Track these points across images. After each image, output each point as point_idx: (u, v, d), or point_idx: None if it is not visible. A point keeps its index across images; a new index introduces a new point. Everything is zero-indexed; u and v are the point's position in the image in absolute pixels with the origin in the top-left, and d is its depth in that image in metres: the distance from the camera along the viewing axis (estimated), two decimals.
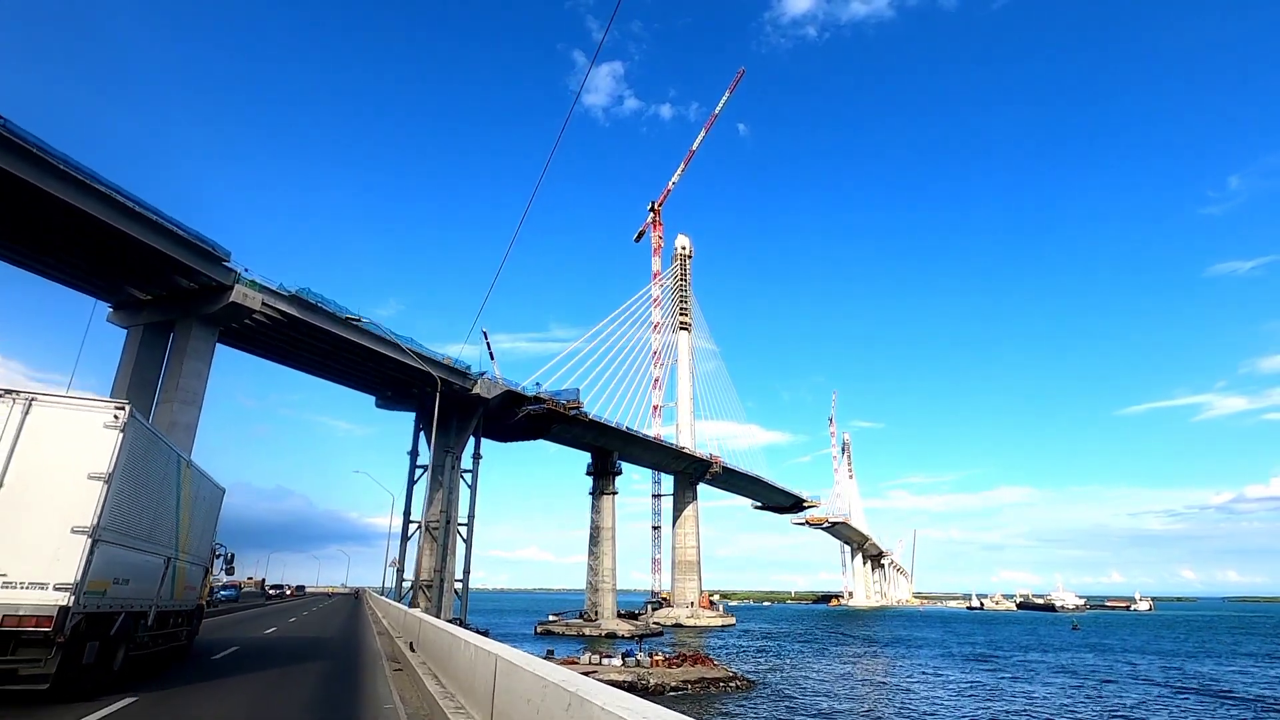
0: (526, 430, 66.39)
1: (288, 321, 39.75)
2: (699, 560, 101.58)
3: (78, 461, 9.06)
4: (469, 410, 57.35)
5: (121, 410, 9.47)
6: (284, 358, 47.40)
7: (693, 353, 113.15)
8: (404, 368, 49.99)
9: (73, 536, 8.72)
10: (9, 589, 8.34)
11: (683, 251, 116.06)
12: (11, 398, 9.08)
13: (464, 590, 56.28)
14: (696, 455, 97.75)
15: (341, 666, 15.62)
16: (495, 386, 57.44)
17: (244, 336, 42.52)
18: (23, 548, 8.54)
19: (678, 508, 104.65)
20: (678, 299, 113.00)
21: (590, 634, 72.65)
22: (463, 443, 57.87)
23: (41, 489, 8.82)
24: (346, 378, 53.17)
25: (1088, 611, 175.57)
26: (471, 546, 57.31)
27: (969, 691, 38.25)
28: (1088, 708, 33.58)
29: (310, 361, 48.37)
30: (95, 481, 9.03)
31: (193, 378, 34.74)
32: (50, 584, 8.49)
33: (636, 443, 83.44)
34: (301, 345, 44.57)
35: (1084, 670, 49.57)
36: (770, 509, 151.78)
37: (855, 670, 47.08)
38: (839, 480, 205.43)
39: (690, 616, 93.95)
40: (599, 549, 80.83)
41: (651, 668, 38.18)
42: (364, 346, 45.04)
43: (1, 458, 8.75)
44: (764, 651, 61.14)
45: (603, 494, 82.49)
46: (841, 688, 38.56)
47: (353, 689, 12.09)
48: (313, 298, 39.77)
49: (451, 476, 56.32)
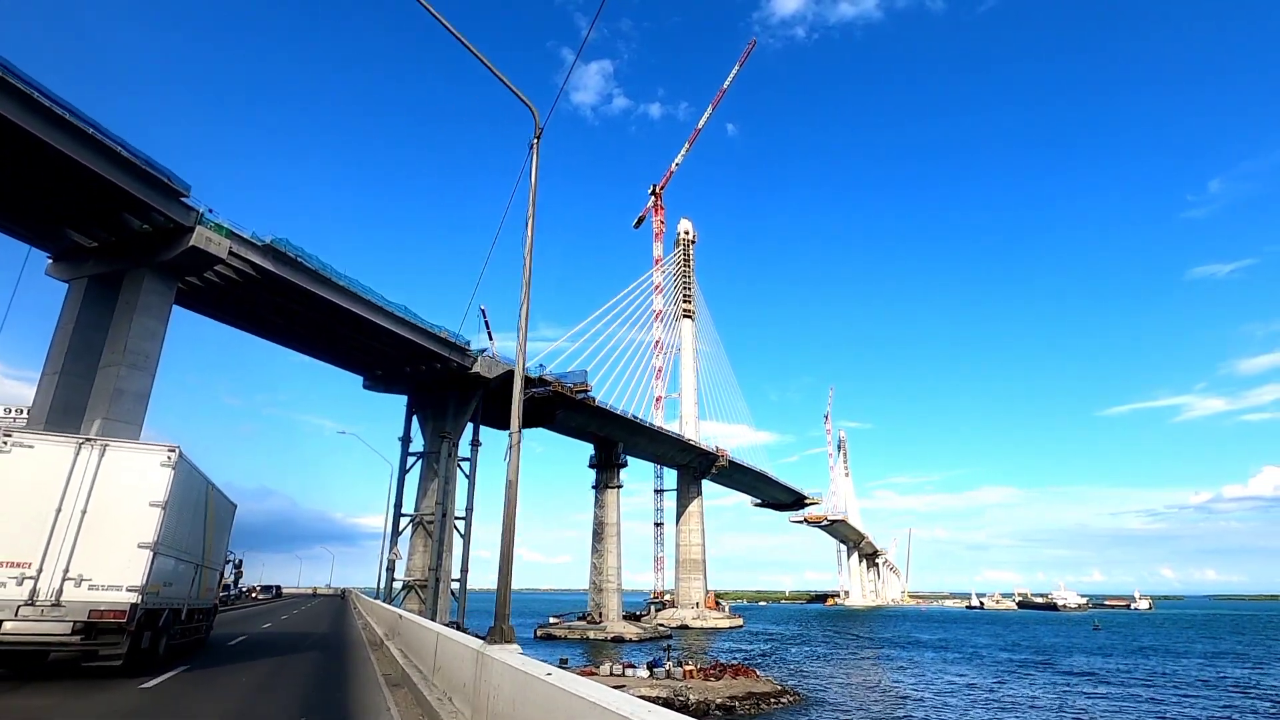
0: (528, 416, 60.85)
1: (261, 278, 34.02)
2: (704, 559, 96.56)
3: (141, 492, 11.85)
4: (468, 392, 51.76)
5: (173, 452, 12.26)
6: (255, 324, 41.41)
7: (697, 342, 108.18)
8: (397, 341, 44.33)
9: (139, 550, 11.55)
10: (94, 590, 11.13)
11: (686, 236, 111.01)
12: (91, 444, 11.82)
13: (462, 591, 50.68)
14: (703, 448, 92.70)
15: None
16: (496, 365, 51.90)
17: (208, 296, 36.67)
18: (102, 558, 11.29)
19: (681, 504, 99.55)
20: (680, 286, 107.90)
21: (595, 637, 67.30)
22: (460, 428, 52.23)
23: (115, 514, 11.61)
24: (330, 351, 47.27)
25: (1090, 611, 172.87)
26: (470, 543, 51.76)
27: (1080, 705, 33.41)
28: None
29: (286, 330, 42.43)
30: (155, 508, 11.89)
31: (144, 338, 28.95)
32: (124, 586, 11.31)
33: (643, 433, 78.13)
34: (277, 309, 38.73)
35: (1170, 676, 45.04)
36: (770, 506, 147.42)
37: (907, 679, 42.10)
38: (835, 478, 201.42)
39: (696, 618, 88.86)
40: (603, 546, 75.47)
41: (686, 680, 32.95)
42: (350, 313, 39.33)
43: (85, 491, 11.52)
44: (786, 656, 56.14)
45: (607, 487, 77.15)
46: (908, 702, 33.55)
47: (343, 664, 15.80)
48: (292, 250, 34.08)
49: (448, 465, 50.68)
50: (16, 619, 10.62)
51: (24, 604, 10.71)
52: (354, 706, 10.37)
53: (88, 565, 11.13)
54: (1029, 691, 37.35)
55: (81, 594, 11.02)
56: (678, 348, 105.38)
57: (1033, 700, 34.41)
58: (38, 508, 11.16)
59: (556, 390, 55.90)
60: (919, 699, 34.31)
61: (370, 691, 11.74)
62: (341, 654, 17.81)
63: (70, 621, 10.86)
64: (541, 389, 55.77)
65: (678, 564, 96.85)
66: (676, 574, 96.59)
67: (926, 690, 37.09)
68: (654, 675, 34.15)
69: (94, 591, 11.06)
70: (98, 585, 11.11)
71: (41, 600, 10.81)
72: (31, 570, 10.88)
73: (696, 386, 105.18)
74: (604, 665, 36.74)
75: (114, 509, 11.58)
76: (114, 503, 11.61)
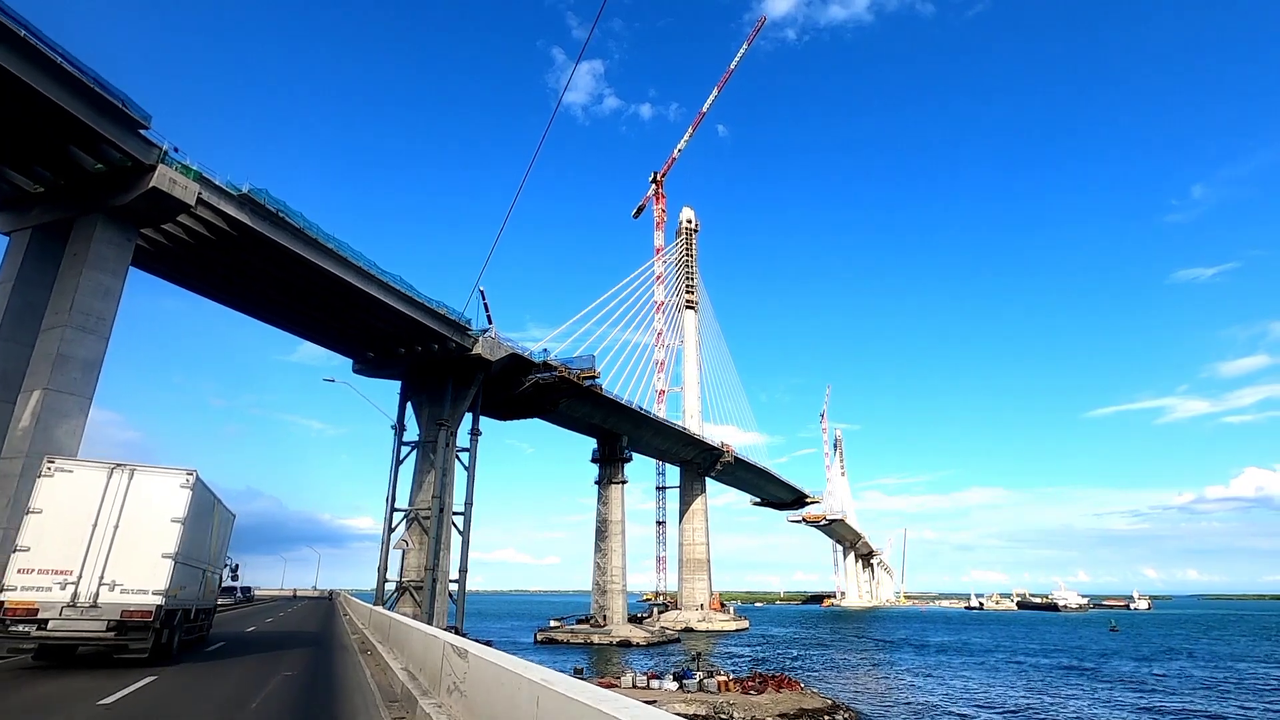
0: (531, 405, 56.68)
1: (236, 234, 29.70)
2: (709, 558, 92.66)
3: (164, 510, 13.82)
4: (467, 376, 47.50)
5: (191, 475, 14.36)
6: (230, 292, 36.84)
7: (700, 334, 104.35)
8: (392, 316, 40.05)
9: (162, 560, 13.48)
10: (125, 593, 12.96)
11: (688, 225, 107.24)
12: (121, 469, 13.74)
13: (460, 593, 46.42)
14: (708, 443, 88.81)
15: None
16: (499, 348, 47.70)
17: (174, 258, 32.25)
18: (132, 566, 13.14)
19: (685, 501, 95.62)
20: (683, 276, 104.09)
21: (600, 642, 63.21)
22: (459, 415, 47.97)
23: (142, 528, 13.49)
24: (315, 328, 42.80)
25: (1091, 611, 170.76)
26: (469, 540, 47.51)
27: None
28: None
29: (265, 300, 37.94)
30: (175, 524, 13.82)
31: (95, 296, 24.58)
32: (150, 590, 13.17)
33: (648, 426, 74.13)
34: (254, 274, 34.35)
35: (1232, 682, 41.66)
36: (770, 505, 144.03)
37: (960, 690, 38.34)
38: (831, 477, 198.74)
39: (702, 620, 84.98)
40: (607, 545, 71.31)
41: (724, 694, 29.00)
42: (340, 282, 35.05)
43: (117, 508, 13.37)
44: (810, 662, 52.36)
45: (611, 483, 73.01)
46: (970, 716, 29.78)
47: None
48: (272, 203, 29.79)
49: (446, 456, 46.40)
50: (61, 618, 12.38)
51: (67, 605, 12.46)
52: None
53: (119, 572, 12.92)
54: (1104, 706, 33.74)
55: (114, 597, 12.83)
56: (681, 339, 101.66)
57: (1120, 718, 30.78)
58: (77, 523, 12.92)
59: (562, 376, 51.77)
60: (980, 715, 30.55)
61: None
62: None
63: (105, 620, 12.64)
64: (546, 374, 51.66)
65: (681, 564, 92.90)
66: (680, 574, 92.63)
67: (992, 706, 33.32)
68: (684, 688, 30.20)
69: (125, 595, 12.86)
70: (128, 589, 12.90)
71: (81, 602, 12.59)
72: (73, 577, 12.63)
73: (700, 380, 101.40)
74: (624, 676, 32.71)
75: (141, 524, 13.38)
76: (141, 519, 13.41)
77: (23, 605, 12.24)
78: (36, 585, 12.44)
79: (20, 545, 12.61)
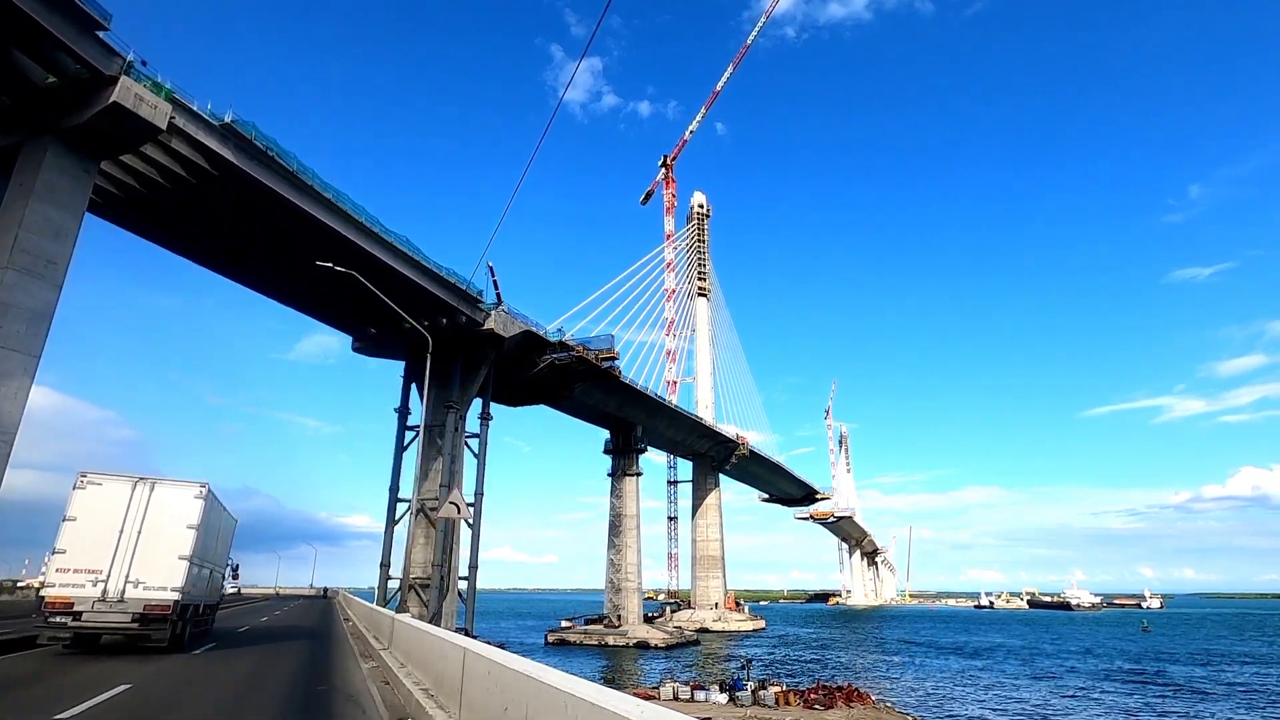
0: (543, 390, 52.59)
1: (218, 175, 25.52)
2: (723, 555, 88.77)
3: (180, 518, 15.66)
4: (478, 354, 43.40)
5: (204, 488, 16.25)
6: (209, 250, 32.38)
7: (712, 322, 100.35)
8: (398, 284, 35.93)
9: (179, 561, 15.38)
10: (147, 590, 14.85)
11: (700, 210, 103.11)
12: (145, 482, 15.63)
13: (470, 592, 42.36)
14: (724, 435, 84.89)
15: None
16: (512, 324, 43.59)
17: (144, 204, 27.95)
18: (153, 567, 15.00)
19: (697, 496, 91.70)
20: (695, 262, 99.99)
21: (615, 644, 59.25)
22: (468, 398, 43.85)
23: (162, 533, 15.34)
24: (308, 297, 38.49)
25: (1105, 610, 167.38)
26: (480, 533, 43.39)
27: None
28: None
29: (250, 260, 33.73)
30: (190, 530, 15.69)
31: (45, 234, 20.43)
32: (168, 588, 15.10)
33: (664, 415, 70.12)
34: (238, 226, 30.16)
35: None
36: (779, 501, 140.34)
37: (1034, 701, 34.46)
38: (837, 474, 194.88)
39: (717, 620, 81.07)
40: (621, 540, 67.32)
41: (783, 708, 25.01)
42: (339, 237, 30.93)
43: (140, 516, 15.23)
44: (856, 665, 48.46)
45: (625, 475, 69.03)
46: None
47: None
48: (261, 139, 25.65)
49: (454, 441, 42.28)
50: (93, 611, 14.35)
51: (98, 600, 14.45)
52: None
53: (142, 572, 14.95)
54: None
55: (138, 593, 14.81)
56: (692, 329, 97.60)
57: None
58: (106, 529, 14.93)
59: (580, 356, 47.70)
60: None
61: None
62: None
63: (130, 613, 14.62)
64: (563, 354, 47.57)
65: (694, 561, 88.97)
66: (693, 572, 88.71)
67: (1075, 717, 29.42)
68: (737, 701, 26.20)
69: (147, 591, 14.85)
70: (150, 587, 14.93)
71: (110, 597, 14.58)
72: (102, 575, 14.66)
73: (713, 370, 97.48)
74: (664, 687, 28.70)
75: (161, 530, 15.40)
76: (161, 525, 15.42)
77: (61, 600, 14.13)
78: (72, 583, 14.26)
79: (58, 548, 14.43)
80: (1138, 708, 32.84)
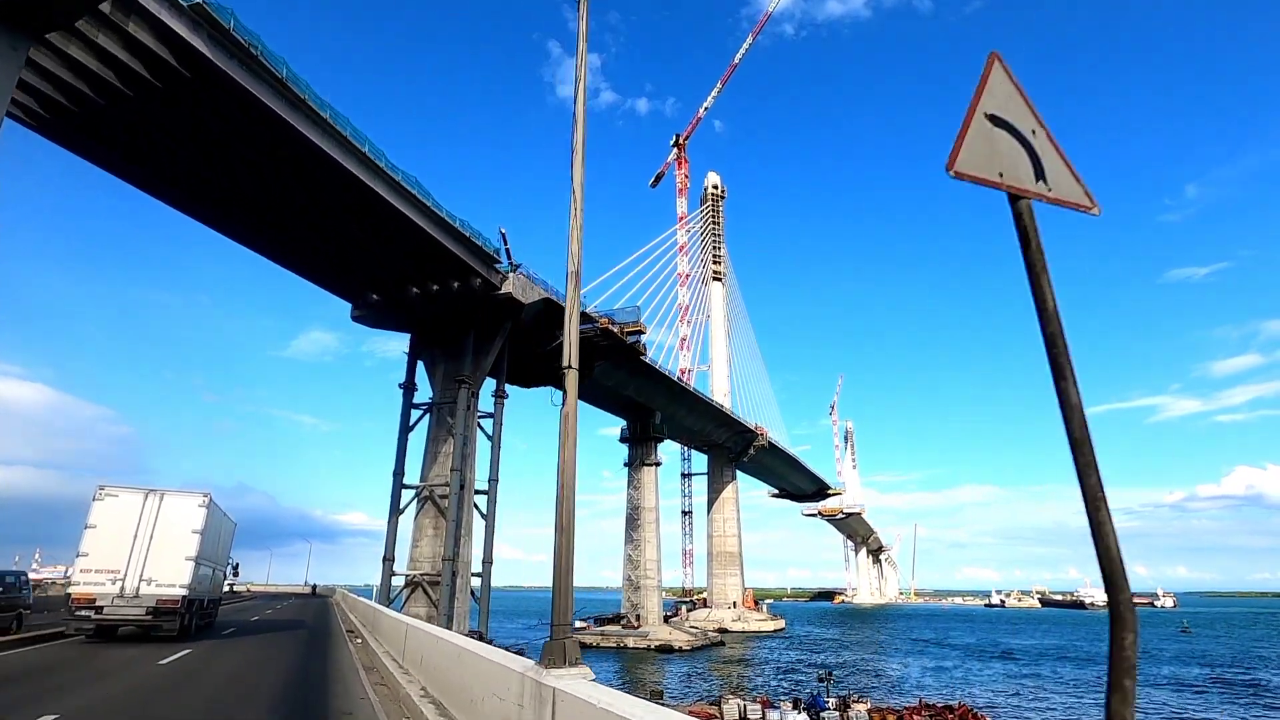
0: (558, 370, 47.81)
1: (190, 77, 20.66)
2: (740, 552, 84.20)
3: (186, 523, 17.43)
4: (493, 323, 38.59)
5: (206, 497, 18.03)
6: (172, 179, 27.43)
7: (727, 308, 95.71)
8: (403, 236, 31.12)
9: (186, 561, 17.10)
10: (159, 587, 16.69)
11: (714, 190, 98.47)
12: (155, 493, 17.44)
13: (484, 590, 37.59)
14: (744, 424, 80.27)
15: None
16: (531, 289, 38.78)
17: (98, 117, 23.00)
18: (163, 566, 16.77)
19: (713, 489, 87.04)
20: (709, 246, 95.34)
21: (635, 646, 54.61)
22: (481, 372, 39.05)
23: (170, 537, 17.13)
24: (299, 249, 33.33)
25: None
26: (494, 524, 38.63)
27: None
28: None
29: (223, 197, 28.66)
30: (195, 534, 17.45)
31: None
32: (177, 584, 16.86)
33: (684, 401, 65.39)
34: (211, 150, 25.22)
35: None
36: (789, 496, 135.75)
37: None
38: (842, 471, 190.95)
39: (737, 620, 76.46)
40: (639, 535, 62.61)
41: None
42: (335, 165, 26.04)
43: (151, 523, 17.04)
44: (901, 673, 43.95)
45: (643, 464, 64.30)
46: None
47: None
48: (244, 33, 20.79)
49: (467, 420, 37.46)
50: (112, 605, 16.31)
51: (116, 596, 16.38)
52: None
53: (154, 571, 16.73)
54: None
55: (151, 590, 16.67)
56: (707, 315, 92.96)
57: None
58: (122, 534, 16.74)
59: (605, 328, 42.96)
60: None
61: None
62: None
63: (144, 607, 16.54)
64: (587, 326, 42.80)
65: (710, 558, 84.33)
66: (709, 569, 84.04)
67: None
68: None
69: (158, 588, 16.71)
70: (160, 584, 16.73)
71: (127, 593, 16.47)
72: (120, 574, 16.48)
73: (729, 358, 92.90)
74: (727, 704, 24.02)
75: (169, 534, 17.18)
76: (169, 530, 17.20)
77: (85, 596, 16.28)
78: (94, 581, 16.36)
79: (82, 552, 16.57)
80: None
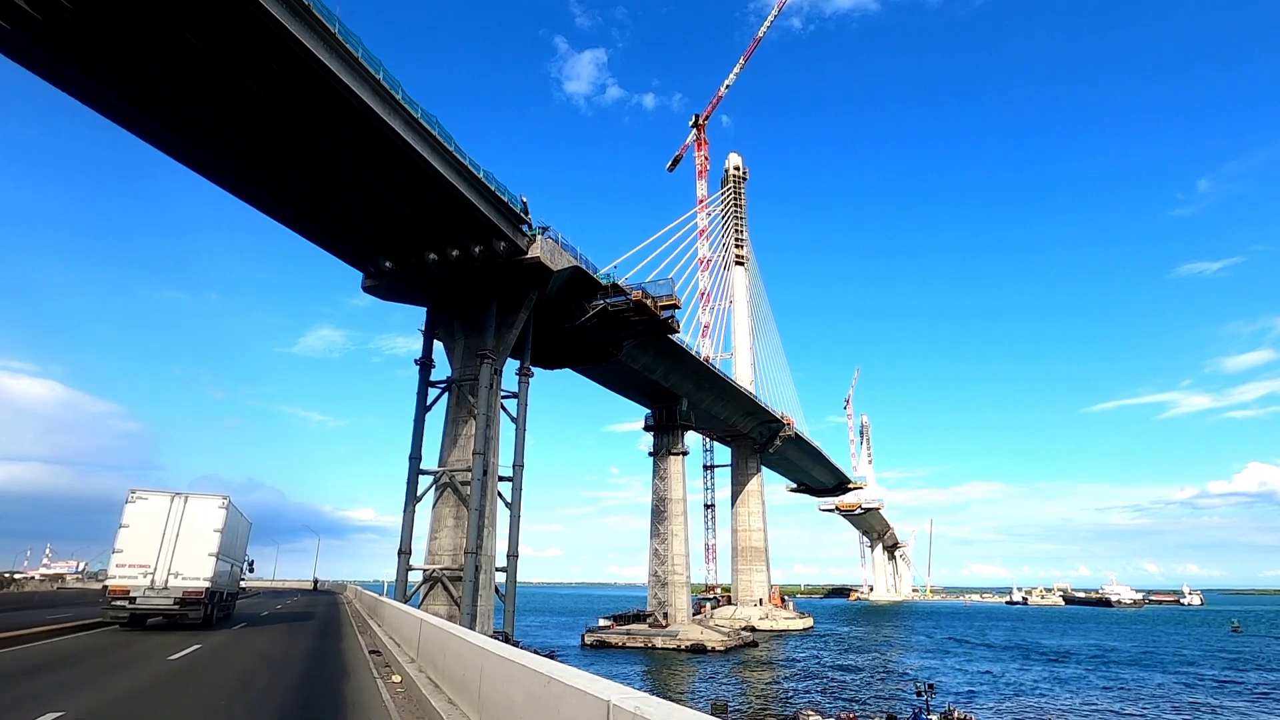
0: (587, 347, 44.23)
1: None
2: (766, 547, 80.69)
3: (208, 523, 19.02)
4: (518, 293, 35.09)
5: (226, 499, 19.66)
6: (163, 116, 23.78)
7: (750, 294, 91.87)
8: (421, 186, 27.58)
9: (208, 557, 18.70)
10: (185, 580, 18.30)
11: (736, 172, 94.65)
12: (181, 496, 19.03)
13: (510, 586, 34.17)
14: (772, 413, 76.62)
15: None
16: (560, 255, 35.21)
17: (90, 39, 19.56)
18: (188, 561, 18.41)
19: (738, 482, 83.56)
20: (731, 229, 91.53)
21: (664, 646, 51.17)
22: (505, 346, 35.57)
23: (194, 535, 18.73)
24: (307, 203, 29.89)
25: (1147, 607, 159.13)
26: (520, 514, 35.16)
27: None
28: None
29: (231, 139, 25.25)
30: (216, 533, 19.03)
31: None
32: (201, 577, 18.50)
33: (712, 386, 61.81)
34: (207, 83, 21.73)
35: None
36: (808, 490, 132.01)
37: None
38: (858, 466, 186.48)
39: (764, 618, 72.95)
40: (666, 528, 59.10)
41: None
42: (353, 102, 22.51)
43: (178, 522, 18.67)
44: (977, 683, 40.24)
45: (669, 454, 60.77)
46: None
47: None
48: None
49: (490, 400, 33.99)
50: (143, 596, 17.94)
51: (147, 588, 18.00)
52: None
53: (181, 565, 18.31)
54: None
55: (178, 582, 18.25)
56: (729, 300, 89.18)
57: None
58: (152, 532, 18.36)
59: (638, 301, 39.29)
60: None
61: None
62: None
63: (172, 598, 18.14)
64: (619, 299, 39.22)
65: (735, 553, 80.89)
66: (734, 565, 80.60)
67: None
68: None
69: (184, 581, 18.31)
70: (186, 577, 18.33)
71: (156, 585, 18.06)
72: (150, 569, 18.09)
73: (752, 345, 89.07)
74: (810, 718, 20.33)
75: (193, 533, 18.75)
76: (193, 529, 18.78)
77: (120, 588, 17.87)
78: (127, 575, 17.97)
79: (116, 548, 18.06)
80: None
